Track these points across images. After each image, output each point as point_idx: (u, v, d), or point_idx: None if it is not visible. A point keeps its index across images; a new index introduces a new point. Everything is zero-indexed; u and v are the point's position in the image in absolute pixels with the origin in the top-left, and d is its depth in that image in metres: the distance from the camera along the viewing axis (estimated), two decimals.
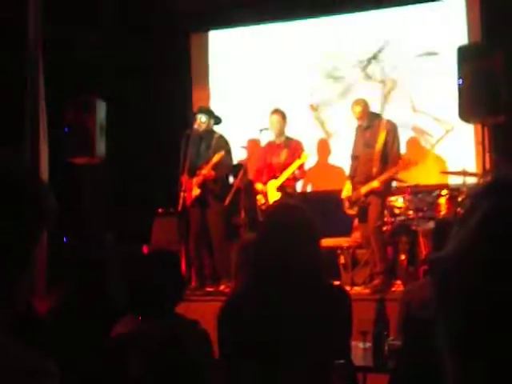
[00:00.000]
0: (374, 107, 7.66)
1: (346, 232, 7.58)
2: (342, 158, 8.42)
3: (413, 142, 8.35)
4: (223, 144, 7.77)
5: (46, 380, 1.02)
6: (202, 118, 7.81)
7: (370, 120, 7.28)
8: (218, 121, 8.00)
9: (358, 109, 7.27)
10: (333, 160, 8.91)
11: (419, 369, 3.27)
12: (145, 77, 9.13)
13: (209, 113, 7.97)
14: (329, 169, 8.87)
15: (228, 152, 7.79)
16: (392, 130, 7.19)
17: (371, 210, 7.08)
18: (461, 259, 0.72)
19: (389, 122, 7.30)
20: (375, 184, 6.98)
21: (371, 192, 7.04)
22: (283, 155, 7.68)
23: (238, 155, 8.31)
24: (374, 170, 7.06)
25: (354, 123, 7.49)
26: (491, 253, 0.69)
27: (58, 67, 7.88)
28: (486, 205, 0.72)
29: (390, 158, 7.09)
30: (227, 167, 7.79)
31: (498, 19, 7.71)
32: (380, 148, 7.08)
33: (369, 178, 7.08)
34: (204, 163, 7.69)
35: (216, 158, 7.58)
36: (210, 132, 7.87)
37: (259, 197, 7.65)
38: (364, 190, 7.09)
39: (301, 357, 2.60)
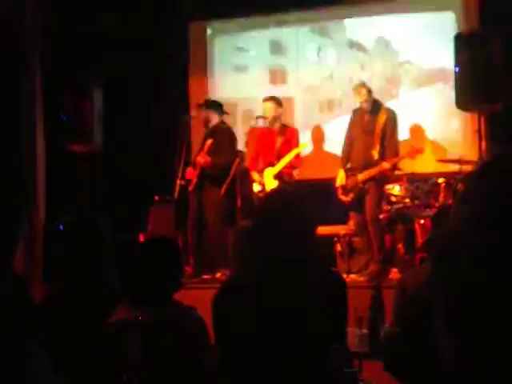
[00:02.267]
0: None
1: (343, 220, 7.57)
2: (337, 145, 8.43)
3: (411, 131, 8.34)
4: (226, 134, 7.76)
5: (31, 360, 1.02)
6: (208, 112, 7.81)
7: (371, 105, 7.26)
8: (224, 112, 7.99)
9: (364, 91, 7.24)
10: (328, 148, 8.91)
11: (414, 356, 3.29)
12: (143, 65, 9.10)
13: (214, 106, 7.94)
14: (324, 157, 8.87)
15: (229, 141, 7.77)
16: (392, 116, 7.17)
17: (369, 199, 7.08)
18: (459, 237, 0.73)
19: (389, 109, 7.29)
20: (385, 165, 6.95)
21: (369, 179, 7.02)
22: (279, 142, 7.68)
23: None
24: (375, 154, 7.04)
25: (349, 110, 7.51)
26: (489, 231, 0.70)
27: (55, 55, 7.85)
28: (483, 185, 0.73)
29: (388, 144, 7.08)
30: (226, 154, 7.74)
31: (496, 6, 7.69)
32: (379, 133, 7.05)
33: (368, 164, 7.05)
34: (199, 152, 7.72)
35: (206, 146, 7.60)
36: (217, 124, 7.86)
37: (255, 184, 7.65)
38: (362, 176, 7.07)
39: (298, 343, 2.60)
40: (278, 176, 7.56)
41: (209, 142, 7.63)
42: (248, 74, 9.33)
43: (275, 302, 2.62)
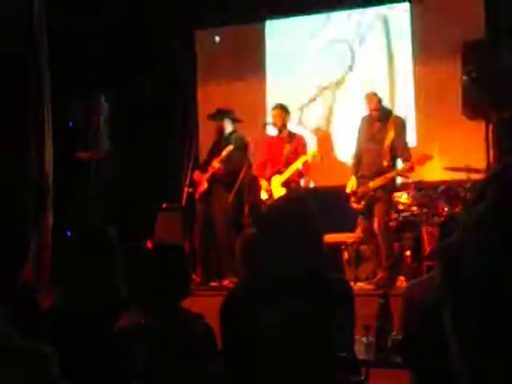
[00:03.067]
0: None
1: (350, 228, 7.56)
2: (345, 153, 8.44)
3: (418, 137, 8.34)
4: (239, 141, 7.77)
5: (40, 360, 1.03)
6: (222, 122, 7.84)
7: (381, 113, 7.26)
8: (236, 120, 8.00)
9: (376, 99, 7.25)
10: (336, 155, 8.91)
11: (423, 364, 3.28)
12: (150, 72, 9.13)
13: (226, 115, 7.96)
14: (332, 164, 8.87)
15: (241, 149, 7.77)
16: (400, 124, 7.17)
17: (379, 206, 7.06)
18: (468, 245, 0.72)
19: (397, 117, 7.29)
20: (403, 167, 6.96)
21: (380, 187, 7.01)
22: (286, 150, 7.68)
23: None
24: (385, 163, 7.03)
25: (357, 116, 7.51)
26: (498, 238, 0.70)
27: (63, 62, 7.87)
28: (493, 192, 0.73)
29: (398, 151, 7.07)
30: (237, 163, 7.75)
31: (503, 14, 7.69)
32: (389, 143, 7.05)
33: (379, 172, 7.04)
34: (215, 158, 7.72)
35: (225, 152, 7.59)
36: (230, 133, 7.87)
37: (263, 192, 7.65)
38: (373, 184, 7.05)
39: (304, 351, 2.60)
40: (285, 183, 7.56)
41: (230, 148, 7.61)
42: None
43: (280, 311, 2.61)
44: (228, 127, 7.87)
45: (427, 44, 8.55)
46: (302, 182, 8.15)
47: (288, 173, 7.55)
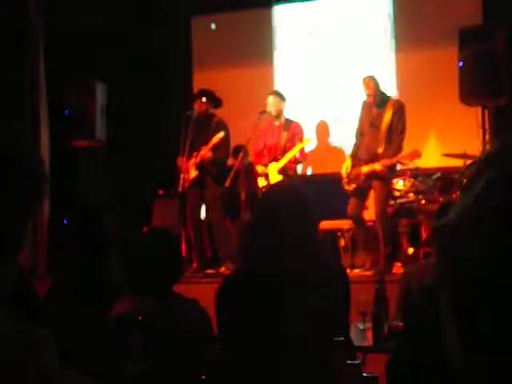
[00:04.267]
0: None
1: (347, 215, 7.56)
2: (342, 140, 8.44)
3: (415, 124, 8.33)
4: (222, 126, 7.75)
5: (38, 349, 1.02)
6: (202, 99, 7.80)
7: (379, 98, 7.25)
8: (217, 104, 7.98)
9: (372, 85, 7.22)
10: (333, 142, 8.91)
11: (419, 350, 3.29)
12: (145, 60, 9.11)
13: (209, 95, 7.95)
14: (329, 151, 8.87)
15: (226, 135, 7.76)
16: (398, 109, 7.10)
17: (376, 194, 7.05)
18: (464, 225, 0.72)
19: (397, 101, 7.24)
20: (377, 167, 6.91)
21: (373, 174, 6.99)
22: (283, 137, 7.67)
23: (238, 137, 8.28)
24: (380, 150, 7.01)
25: (357, 103, 7.49)
26: (495, 219, 0.69)
27: (58, 50, 7.85)
28: (489, 172, 0.72)
29: (393, 140, 7.04)
30: (225, 149, 7.76)
31: (499, 0, 7.67)
32: (385, 128, 7.01)
33: (373, 158, 7.02)
34: (202, 145, 7.68)
35: (216, 139, 7.58)
36: (209, 115, 7.86)
37: (260, 179, 7.65)
38: (365, 169, 7.04)
39: (300, 336, 2.60)
40: (282, 171, 7.55)
41: (221, 135, 7.59)
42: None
43: (277, 296, 2.61)
44: (206, 108, 7.83)
45: (422, 30, 8.54)
46: (299, 169, 8.15)
47: (285, 160, 7.55)
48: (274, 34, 9.35)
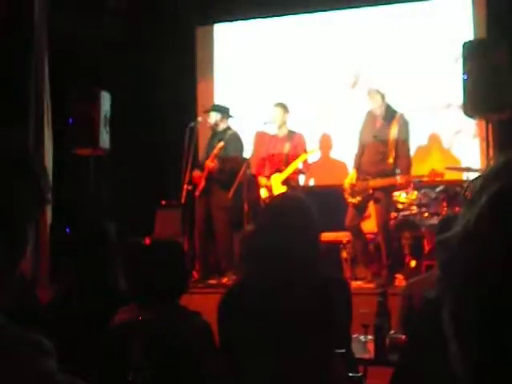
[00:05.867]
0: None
1: (345, 226, 7.55)
2: (344, 152, 8.43)
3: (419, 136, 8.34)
4: (234, 140, 7.78)
5: (39, 355, 1.02)
6: (217, 117, 7.84)
7: (386, 111, 7.25)
8: (229, 116, 8.01)
9: (378, 97, 7.23)
10: (335, 154, 8.91)
11: (422, 362, 3.27)
12: (150, 69, 9.13)
13: (222, 110, 7.97)
14: (332, 163, 8.88)
15: (237, 147, 7.77)
16: (404, 125, 7.13)
17: (379, 206, 7.05)
18: (469, 238, 0.72)
19: (402, 116, 7.25)
20: (401, 180, 6.88)
21: (380, 187, 6.99)
22: (286, 148, 7.68)
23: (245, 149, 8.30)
24: (390, 163, 7.01)
25: (359, 114, 7.49)
26: (499, 231, 0.69)
27: (62, 58, 7.87)
28: (495, 185, 0.72)
29: (401, 155, 7.03)
30: (233, 160, 7.76)
31: (504, 14, 7.68)
32: (393, 141, 7.02)
33: (383, 172, 7.02)
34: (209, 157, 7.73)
35: (216, 149, 7.61)
36: (224, 129, 7.88)
37: (263, 190, 7.65)
38: (374, 183, 7.03)
39: (300, 348, 2.59)
40: (285, 182, 7.55)
41: (220, 144, 7.64)
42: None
43: (279, 307, 2.61)
44: (222, 123, 7.87)
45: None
46: (302, 181, 8.15)
47: (288, 171, 7.55)
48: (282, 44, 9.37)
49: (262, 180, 7.69)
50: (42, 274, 6.87)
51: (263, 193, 7.66)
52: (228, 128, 7.91)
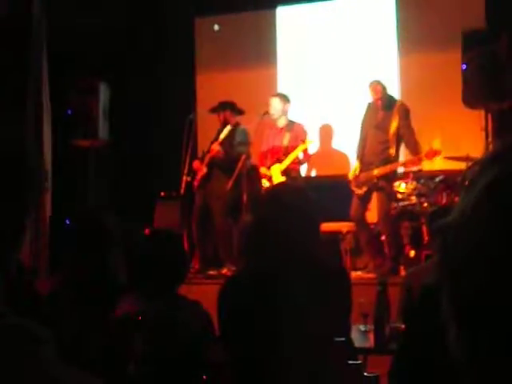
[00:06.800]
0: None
1: (349, 217, 7.56)
2: (345, 142, 8.43)
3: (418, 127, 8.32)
4: (243, 134, 7.77)
5: (37, 344, 1.02)
6: (226, 111, 7.85)
7: (386, 101, 7.25)
8: (240, 111, 8.01)
9: (379, 89, 7.23)
10: (336, 145, 8.90)
11: (420, 351, 3.28)
12: (148, 61, 9.12)
13: (232, 106, 7.96)
14: (333, 153, 8.86)
15: (245, 141, 7.77)
16: (405, 112, 7.14)
17: (380, 196, 7.07)
18: (467, 223, 0.72)
19: (403, 104, 7.24)
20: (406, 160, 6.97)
21: (383, 176, 7.00)
22: (286, 138, 7.67)
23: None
24: (392, 151, 7.03)
25: (359, 105, 7.49)
26: (498, 216, 0.69)
27: (61, 50, 7.86)
28: (493, 170, 0.72)
29: (405, 140, 7.06)
30: (238, 150, 7.75)
31: (503, 4, 7.66)
32: (395, 130, 7.04)
33: (385, 161, 7.04)
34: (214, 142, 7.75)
35: (223, 135, 7.62)
36: (235, 125, 7.87)
37: (264, 181, 7.64)
38: (378, 172, 7.06)
39: (301, 336, 2.60)
40: (285, 172, 7.55)
41: (226, 131, 7.65)
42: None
43: (278, 297, 2.61)
44: (232, 119, 7.87)
45: (425, 34, 8.53)
46: (303, 171, 8.15)
47: (288, 161, 7.54)
48: (277, 35, 9.33)
49: (264, 170, 7.68)
50: (42, 265, 6.88)
51: (265, 183, 7.64)
52: (237, 123, 7.90)
